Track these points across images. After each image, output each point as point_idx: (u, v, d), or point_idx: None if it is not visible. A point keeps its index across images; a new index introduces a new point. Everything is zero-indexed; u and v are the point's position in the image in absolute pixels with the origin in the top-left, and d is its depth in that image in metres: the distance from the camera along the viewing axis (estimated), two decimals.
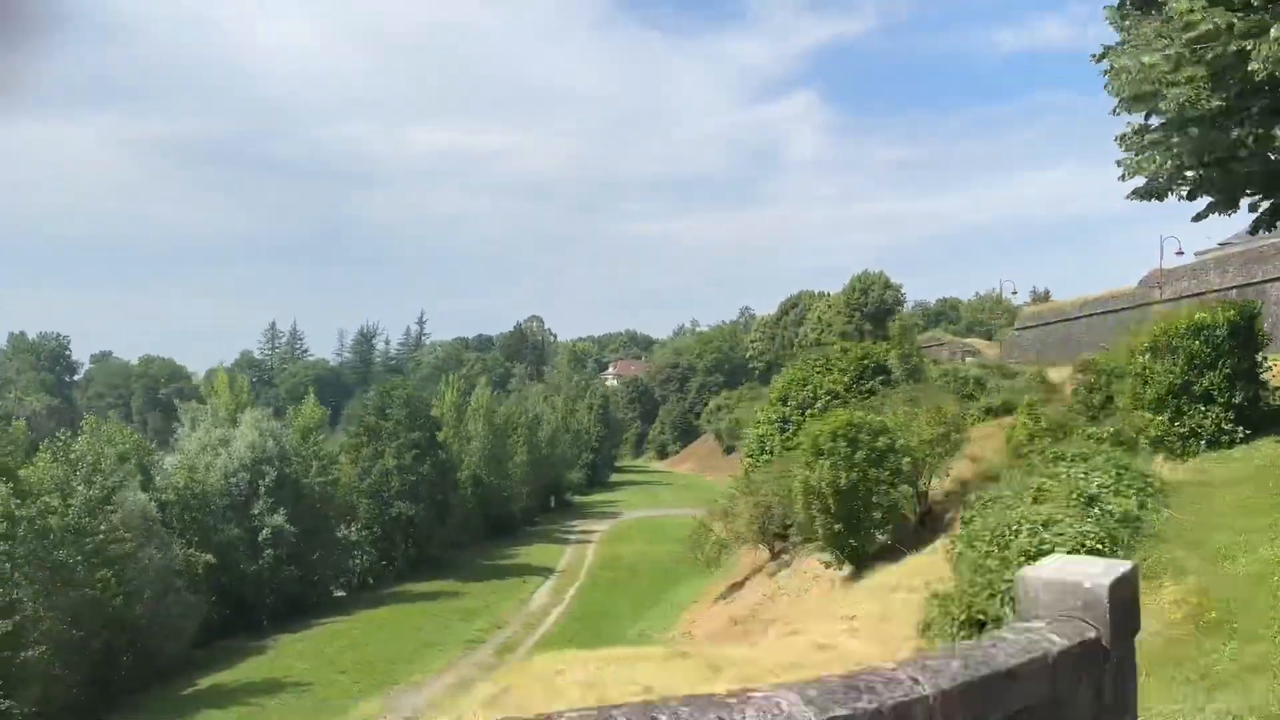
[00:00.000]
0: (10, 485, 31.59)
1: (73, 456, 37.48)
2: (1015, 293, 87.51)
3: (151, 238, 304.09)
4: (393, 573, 56.56)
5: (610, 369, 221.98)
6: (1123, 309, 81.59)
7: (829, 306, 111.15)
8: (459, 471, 72.74)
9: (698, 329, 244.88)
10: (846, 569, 26.14)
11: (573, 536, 62.47)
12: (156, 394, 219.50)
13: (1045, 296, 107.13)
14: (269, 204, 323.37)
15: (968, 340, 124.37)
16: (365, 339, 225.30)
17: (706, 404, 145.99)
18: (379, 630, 40.48)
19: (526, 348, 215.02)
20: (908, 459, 25.28)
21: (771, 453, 39.13)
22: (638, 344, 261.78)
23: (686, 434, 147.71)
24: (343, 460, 60.29)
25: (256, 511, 50.69)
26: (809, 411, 38.26)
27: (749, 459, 42.18)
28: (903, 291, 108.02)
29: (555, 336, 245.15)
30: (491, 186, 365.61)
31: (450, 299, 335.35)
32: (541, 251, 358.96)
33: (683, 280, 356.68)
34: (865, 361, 38.38)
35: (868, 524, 24.91)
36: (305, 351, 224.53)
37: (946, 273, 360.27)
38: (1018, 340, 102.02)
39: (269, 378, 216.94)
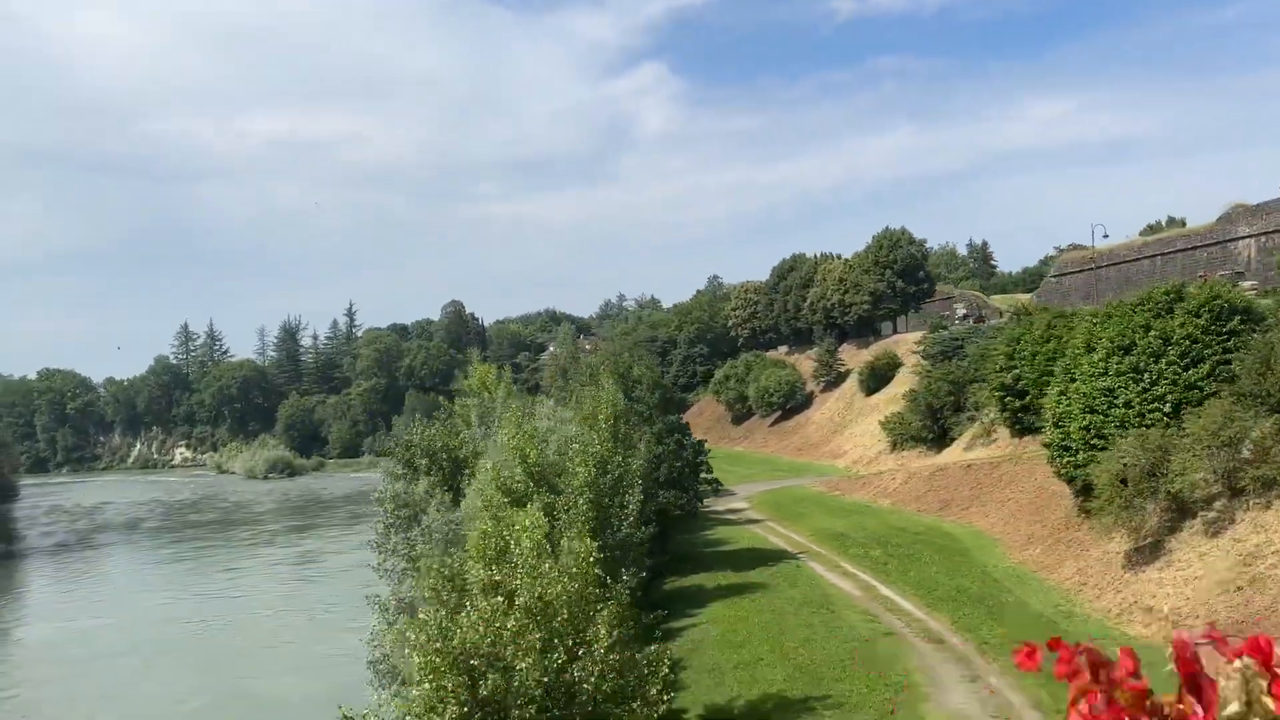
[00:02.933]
0: None
1: None
2: (1106, 236, 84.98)
3: None
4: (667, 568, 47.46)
5: (549, 350, 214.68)
6: (1197, 247, 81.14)
7: (850, 266, 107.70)
8: None
9: (644, 302, 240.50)
10: None
11: (730, 517, 56.80)
12: (64, 410, 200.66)
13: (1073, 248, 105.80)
14: (96, 207, 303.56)
15: (970, 293, 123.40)
16: (289, 334, 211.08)
17: (693, 375, 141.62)
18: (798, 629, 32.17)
19: (468, 333, 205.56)
20: None
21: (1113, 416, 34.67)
22: (558, 322, 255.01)
23: (675, 407, 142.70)
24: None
25: None
26: (1163, 361, 33.82)
27: (1062, 429, 37.48)
28: (926, 245, 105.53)
29: (482, 320, 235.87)
30: (337, 177, 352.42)
31: (302, 293, 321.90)
32: (392, 240, 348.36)
33: (547, 260, 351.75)
34: (1217, 302, 34.04)
35: None
36: (226, 353, 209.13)
37: (804, 236, 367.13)
38: (1058, 287, 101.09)
39: (187, 383, 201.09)
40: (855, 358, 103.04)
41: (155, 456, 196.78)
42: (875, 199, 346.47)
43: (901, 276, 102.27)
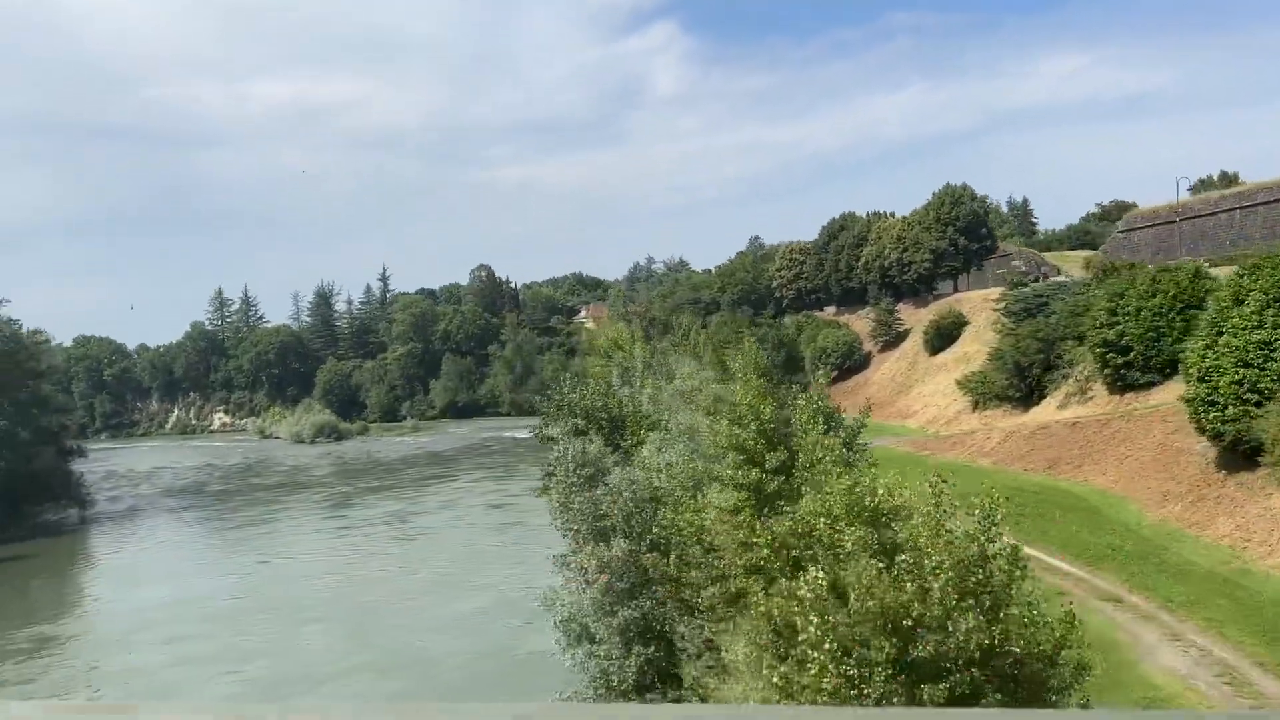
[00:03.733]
0: None
1: None
2: (1195, 185, 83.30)
3: None
4: None
5: (583, 313, 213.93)
6: None
7: (908, 224, 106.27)
8: None
9: (677, 265, 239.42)
10: None
11: None
12: (101, 376, 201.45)
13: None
14: (103, 175, 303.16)
15: (1026, 250, 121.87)
16: (323, 299, 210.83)
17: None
18: None
19: (501, 297, 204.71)
20: None
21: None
22: (586, 286, 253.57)
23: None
24: None
25: None
26: None
27: (1208, 384, 36.65)
28: (989, 201, 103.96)
29: (515, 284, 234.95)
30: (344, 141, 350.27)
31: (313, 258, 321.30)
32: (400, 204, 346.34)
33: (557, 224, 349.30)
34: None
35: None
36: (260, 318, 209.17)
37: (819, 196, 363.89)
38: (1126, 242, 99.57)
39: (224, 349, 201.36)
40: (913, 317, 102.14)
41: (194, 422, 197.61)
42: (887, 159, 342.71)
43: (964, 233, 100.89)
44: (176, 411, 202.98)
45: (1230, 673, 24.08)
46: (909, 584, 11.10)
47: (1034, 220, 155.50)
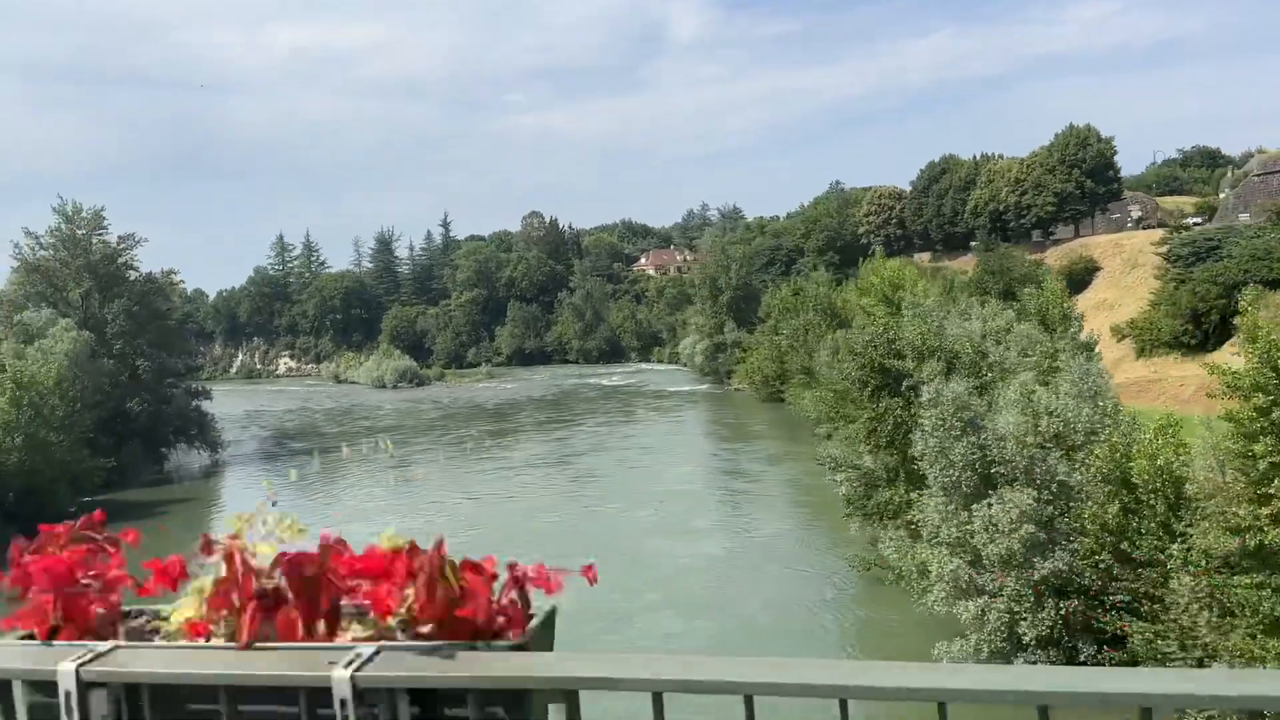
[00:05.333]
0: None
1: None
2: None
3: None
4: None
5: (642, 260, 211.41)
6: None
7: (1027, 166, 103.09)
8: None
9: (723, 213, 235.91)
10: None
11: None
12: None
13: None
14: (130, 121, 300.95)
15: (1140, 194, 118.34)
16: (384, 245, 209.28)
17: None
18: None
19: (565, 245, 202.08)
20: None
21: None
22: (635, 233, 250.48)
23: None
24: None
25: None
26: None
27: None
28: (1114, 143, 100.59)
29: (574, 228, 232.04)
30: (365, 88, 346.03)
31: (337, 205, 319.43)
32: (422, 152, 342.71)
33: (585, 170, 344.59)
34: None
35: None
36: (323, 264, 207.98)
37: (842, 144, 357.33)
38: (1263, 186, 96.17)
39: (287, 294, 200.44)
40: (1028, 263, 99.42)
41: (259, 367, 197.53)
42: (913, 106, 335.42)
43: (1090, 176, 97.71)
44: (241, 356, 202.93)
45: None
46: None
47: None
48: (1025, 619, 23.33)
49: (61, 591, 2.13)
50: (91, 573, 2.18)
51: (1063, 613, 23.05)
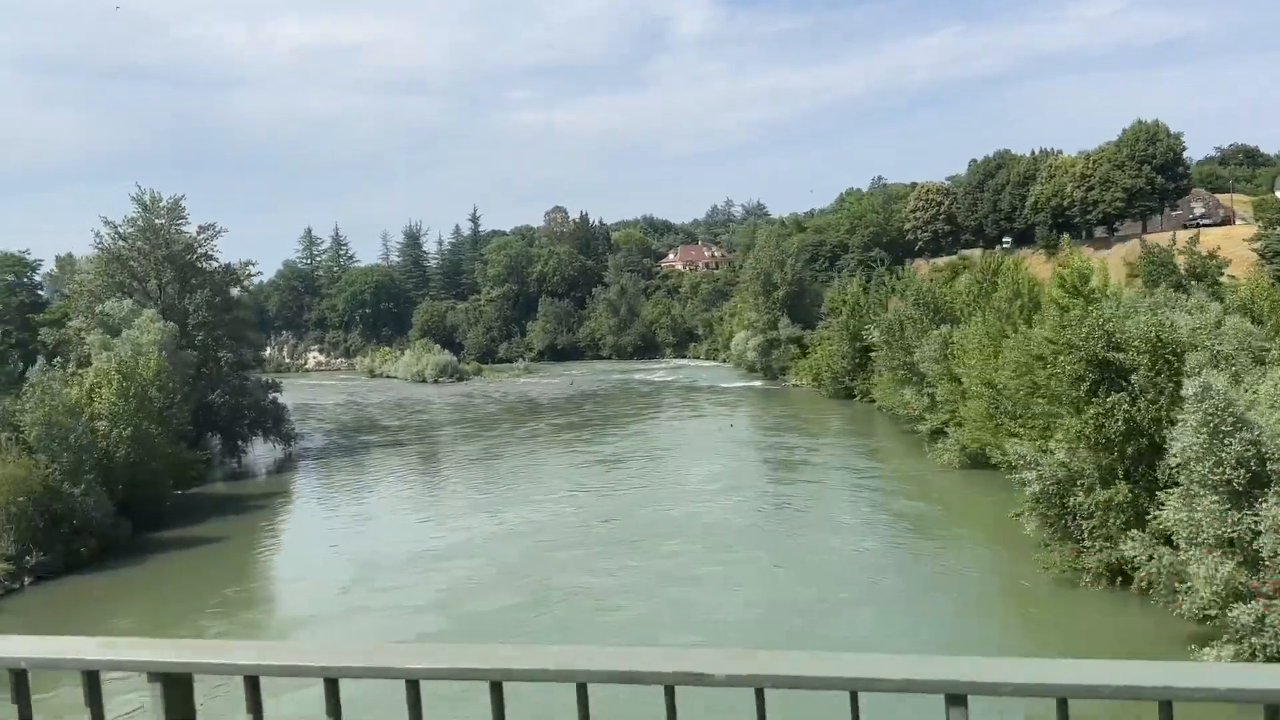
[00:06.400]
0: None
1: None
2: None
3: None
4: None
5: (672, 255, 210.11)
6: None
7: (1093, 162, 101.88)
8: None
9: (738, 209, 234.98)
10: None
11: None
12: None
13: None
14: (131, 116, 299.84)
15: (1203, 191, 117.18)
16: (412, 240, 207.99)
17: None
18: None
19: (597, 240, 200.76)
20: None
21: None
22: (656, 229, 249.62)
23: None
24: None
25: None
26: None
27: None
28: (1182, 139, 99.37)
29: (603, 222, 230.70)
30: (368, 84, 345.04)
31: (338, 202, 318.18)
32: (424, 148, 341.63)
33: (588, 167, 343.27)
34: None
35: None
36: (351, 258, 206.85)
37: (849, 142, 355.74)
38: None
39: (315, 288, 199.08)
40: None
41: (288, 360, 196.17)
42: (918, 104, 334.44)
43: (1160, 172, 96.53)
44: (270, 349, 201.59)
45: None
46: None
47: None
48: None
49: None
50: None
51: None
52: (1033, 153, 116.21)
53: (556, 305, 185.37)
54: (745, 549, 39.12)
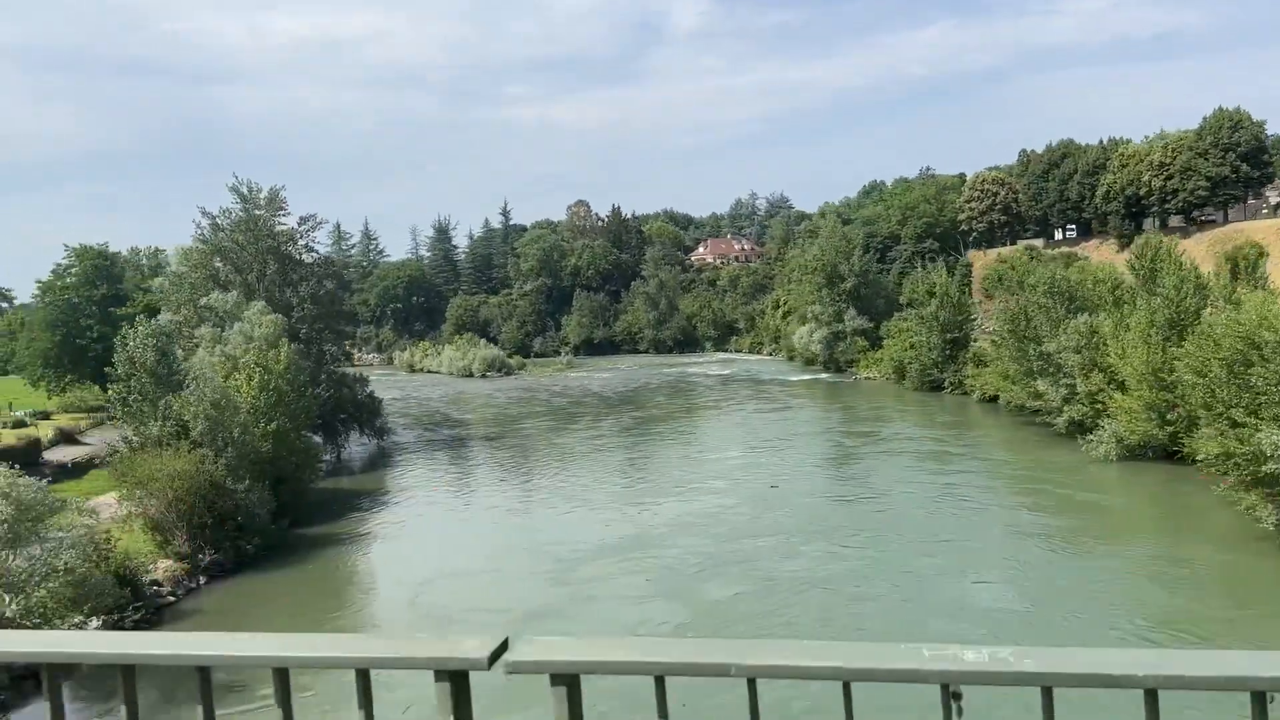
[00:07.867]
0: None
1: None
2: None
3: None
4: None
5: (701, 248, 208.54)
6: None
7: (1172, 150, 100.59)
8: None
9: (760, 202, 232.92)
10: None
11: None
12: None
13: None
14: (125, 110, 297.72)
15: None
16: (442, 234, 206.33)
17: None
18: None
19: (631, 233, 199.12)
20: None
21: None
22: (678, 223, 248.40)
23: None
24: None
25: None
26: None
27: None
28: (1265, 126, 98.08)
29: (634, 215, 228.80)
30: (364, 78, 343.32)
31: (335, 196, 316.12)
32: (420, 143, 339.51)
33: (588, 161, 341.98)
34: None
35: None
36: (381, 252, 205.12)
37: (843, 135, 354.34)
38: None
39: (347, 282, 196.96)
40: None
41: None
42: (912, 99, 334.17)
43: (1245, 160, 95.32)
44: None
45: None
46: None
47: None
48: None
49: None
50: None
51: None
52: (1101, 141, 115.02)
53: (592, 299, 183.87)
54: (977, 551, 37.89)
